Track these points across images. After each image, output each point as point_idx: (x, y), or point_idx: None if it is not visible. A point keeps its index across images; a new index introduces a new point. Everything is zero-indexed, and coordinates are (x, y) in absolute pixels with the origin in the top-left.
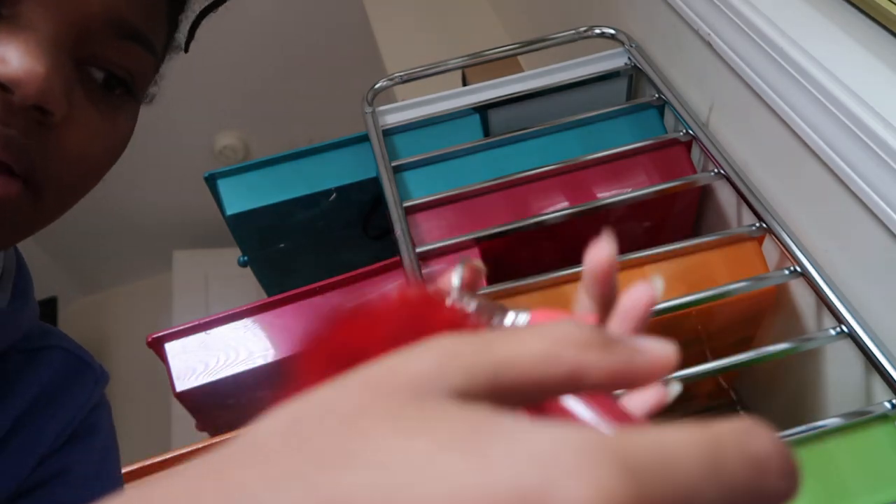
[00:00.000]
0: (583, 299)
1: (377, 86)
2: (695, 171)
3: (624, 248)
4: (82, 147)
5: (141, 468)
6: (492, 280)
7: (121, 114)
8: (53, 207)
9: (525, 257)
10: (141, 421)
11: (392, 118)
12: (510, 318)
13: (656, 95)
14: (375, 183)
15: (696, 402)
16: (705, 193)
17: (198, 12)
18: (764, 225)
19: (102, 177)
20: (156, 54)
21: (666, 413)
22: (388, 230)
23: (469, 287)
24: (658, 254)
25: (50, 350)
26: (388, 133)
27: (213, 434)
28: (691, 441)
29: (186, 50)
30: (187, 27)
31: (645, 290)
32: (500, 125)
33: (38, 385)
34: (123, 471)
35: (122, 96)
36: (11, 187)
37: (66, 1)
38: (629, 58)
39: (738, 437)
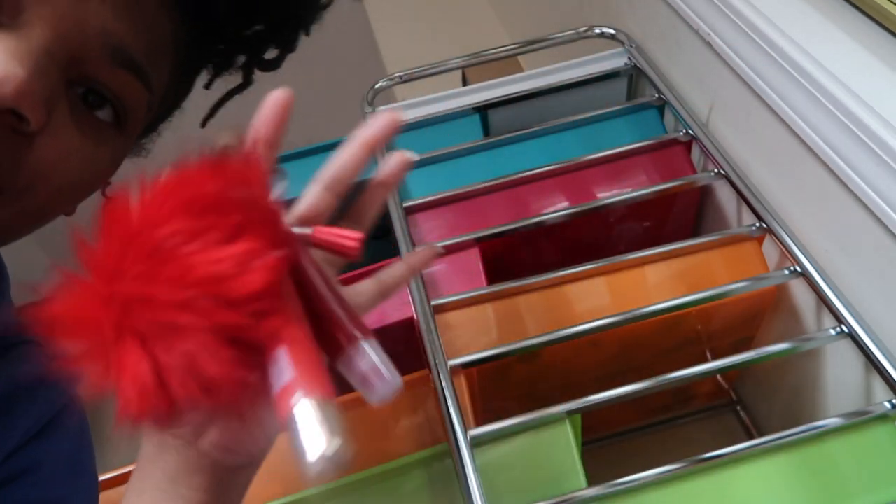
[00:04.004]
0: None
1: (377, 86)
2: (695, 171)
3: (624, 248)
4: (56, 161)
5: None
6: (492, 280)
7: (104, 139)
8: (15, 220)
9: (525, 257)
10: None
11: None
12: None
13: (656, 95)
14: None
15: (696, 402)
16: (705, 193)
17: (223, 93)
18: (764, 225)
19: (76, 200)
20: (150, 89)
21: (666, 413)
22: (388, 230)
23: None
24: (658, 254)
25: (26, 345)
26: None
27: None
28: None
29: (203, 125)
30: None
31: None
32: (501, 125)
33: (8, 380)
34: (123, 471)
35: (108, 123)
36: None
37: (65, 17)
38: (629, 58)
39: None
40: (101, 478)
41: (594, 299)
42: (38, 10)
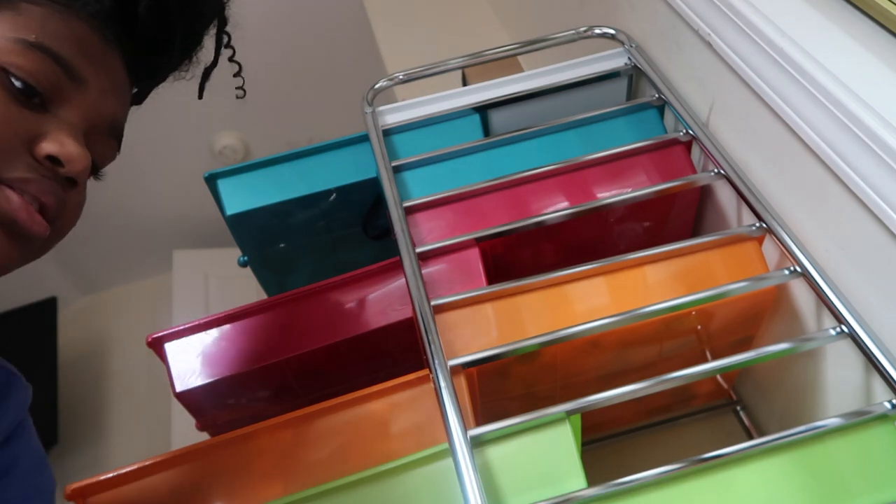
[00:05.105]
0: None
1: (377, 86)
2: (695, 171)
3: (624, 248)
4: (76, 207)
5: (141, 468)
6: (492, 280)
7: (86, 186)
8: (46, 249)
9: (525, 257)
10: (141, 421)
11: (392, 118)
12: None
13: (656, 95)
14: (375, 183)
15: (696, 402)
16: (705, 193)
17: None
18: (764, 225)
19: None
20: (120, 148)
21: (666, 413)
22: (388, 230)
23: None
24: (658, 254)
25: None
26: (388, 133)
27: (214, 434)
28: None
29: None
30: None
31: None
32: (500, 125)
33: None
34: (123, 471)
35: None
36: (44, 227)
37: (93, 107)
38: (629, 58)
39: None
40: (102, 477)
41: (594, 299)
42: (76, 102)
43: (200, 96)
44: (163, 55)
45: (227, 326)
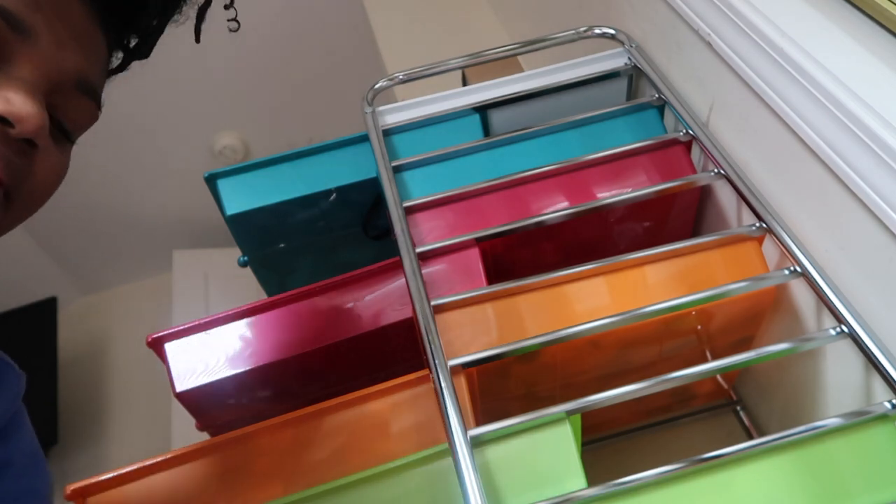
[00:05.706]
0: None
1: (377, 86)
2: (695, 171)
3: (624, 248)
4: (48, 175)
5: (141, 468)
6: (492, 280)
7: (66, 150)
8: (13, 220)
9: (525, 257)
10: (141, 421)
11: (392, 118)
12: None
13: (656, 95)
14: (375, 183)
15: (696, 402)
16: (705, 193)
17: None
18: (764, 225)
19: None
20: (99, 104)
21: (666, 413)
22: (388, 230)
23: None
24: (658, 254)
25: None
26: (388, 133)
27: (214, 434)
28: None
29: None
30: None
31: None
32: (501, 125)
33: None
34: (123, 471)
35: (64, 139)
36: None
37: (50, 61)
38: (629, 58)
39: None
40: (102, 477)
41: (594, 299)
42: (27, 56)
43: (198, 40)
44: None
45: (227, 326)
